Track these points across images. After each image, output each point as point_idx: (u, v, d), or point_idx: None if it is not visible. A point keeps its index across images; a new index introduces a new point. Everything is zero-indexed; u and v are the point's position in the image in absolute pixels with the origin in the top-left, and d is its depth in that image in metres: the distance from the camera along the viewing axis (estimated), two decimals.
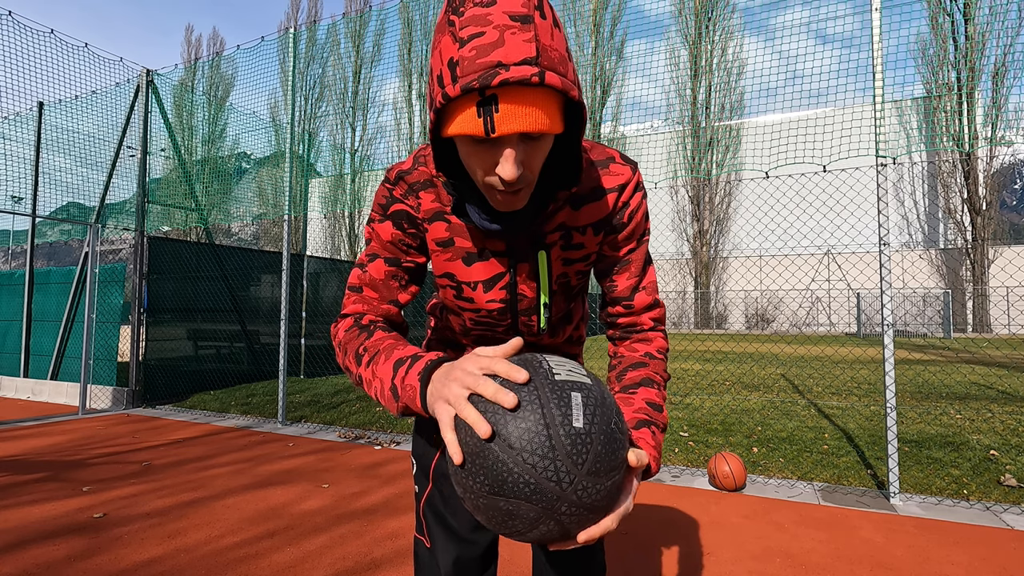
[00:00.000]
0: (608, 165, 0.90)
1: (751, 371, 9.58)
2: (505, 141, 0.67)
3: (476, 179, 0.74)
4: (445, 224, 0.91)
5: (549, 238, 0.90)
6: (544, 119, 0.66)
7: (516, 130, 0.65)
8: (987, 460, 3.87)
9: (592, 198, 0.90)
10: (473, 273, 0.93)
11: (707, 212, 30.24)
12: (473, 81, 0.63)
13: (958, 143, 18.12)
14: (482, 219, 0.83)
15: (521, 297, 0.94)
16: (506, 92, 0.63)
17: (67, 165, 7.01)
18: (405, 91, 33.23)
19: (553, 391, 0.61)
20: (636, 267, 0.96)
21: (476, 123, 0.65)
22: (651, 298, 0.97)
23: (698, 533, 2.71)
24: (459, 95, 0.64)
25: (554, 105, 0.67)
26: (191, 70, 8.10)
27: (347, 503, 3.07)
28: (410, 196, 0.91)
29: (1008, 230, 27.10)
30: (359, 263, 0.96)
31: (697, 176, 33.30)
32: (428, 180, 0.90)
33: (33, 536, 2.57)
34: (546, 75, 0.63)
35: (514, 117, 0.64)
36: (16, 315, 7.44)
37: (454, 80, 0.64)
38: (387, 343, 0.85)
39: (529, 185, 0.74)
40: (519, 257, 0.91)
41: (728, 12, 27.47)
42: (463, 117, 0.66)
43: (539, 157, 0.72)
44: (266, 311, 8.47)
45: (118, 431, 4.92)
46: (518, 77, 0.62)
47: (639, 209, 0.92)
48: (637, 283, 0.96)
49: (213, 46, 39.14)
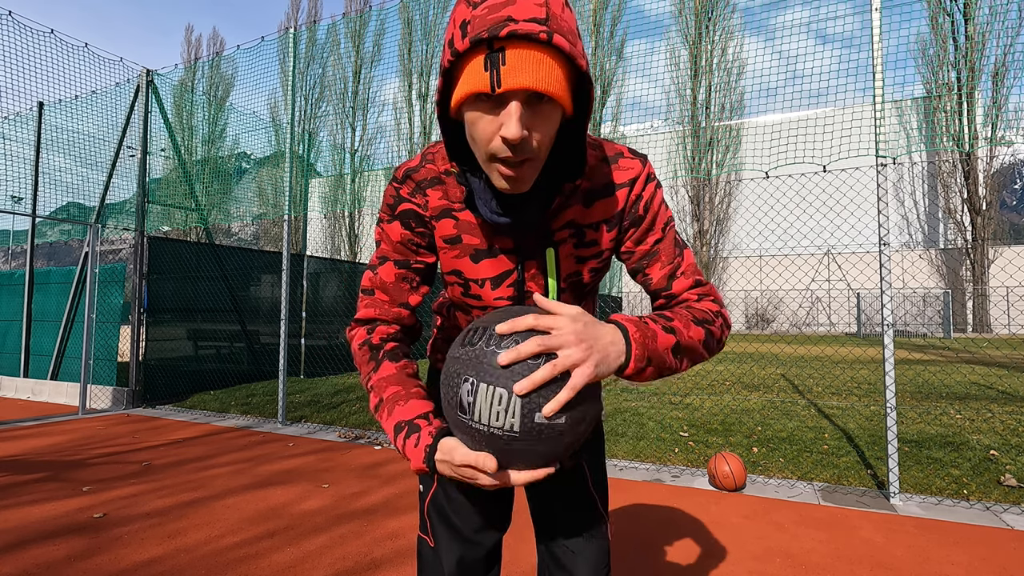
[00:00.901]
0: (618, 160, 0.90)
1: (751, 371, 9.57)
2: (510, 98, 0.67)
3: (481, 155, 0.73)
4: (453, 221, 0.91)
5: (558, 235, 0.90)
6: (551, 80, 0.66)
7: (522, 85, 0.65)
8: (987, 460, 3.86)
9: (604, 194, 0.89)
10: (480, 270, 0.92)
11: (707, 212, 30.23)
12: (482, 32, 0.65)
13: (958, 143, 18.12)
14: (492, 213, 0.83)
15: (529, 294, 0.94)
16: (514, 47, 0.65)
17: (67, 165, 7.02)
18: (405, 91, 33.22)
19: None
20: (667, 255, 0.93)
21: (483, 77, 0.66)
22: (691, 280, 0.93)
23: (698, 533, 2.71)
24: (468, 48, 0.66)
25: (560, 71, 0.68)
26: (191, 70, 8.09)
27: (347, 503, 3.07)
28: (417, 194, 0.91)
29: (1008, 230, 27.10)
30: (371, 265, 0.97)
31: (697, 176, 33.29)
32: (436, 177, 0.90)
33: (33, 536, 2.57)
34: (554, 36, 0.65)
35: (520, 71, 0.65)
36: (16, 315, 7.44)
37: (464, 36, 0.67)
38: (390, 392, 0.87)
39: (534, 160, 0.73)
40: (527, 254, 0.91)
41: (728, 12, 27.47)
42: (470, 72, 0.67)
43: (546, 128, 0.71)
44: (266, 311, 8.47)
45: (118, 431, 4.92)
46: (526, 30, 0.64)
47: (654, 199, 0.91)
48: (673, 271, 0.93)
49: (213, 46, 39.14)
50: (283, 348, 5.27)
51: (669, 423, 5.12)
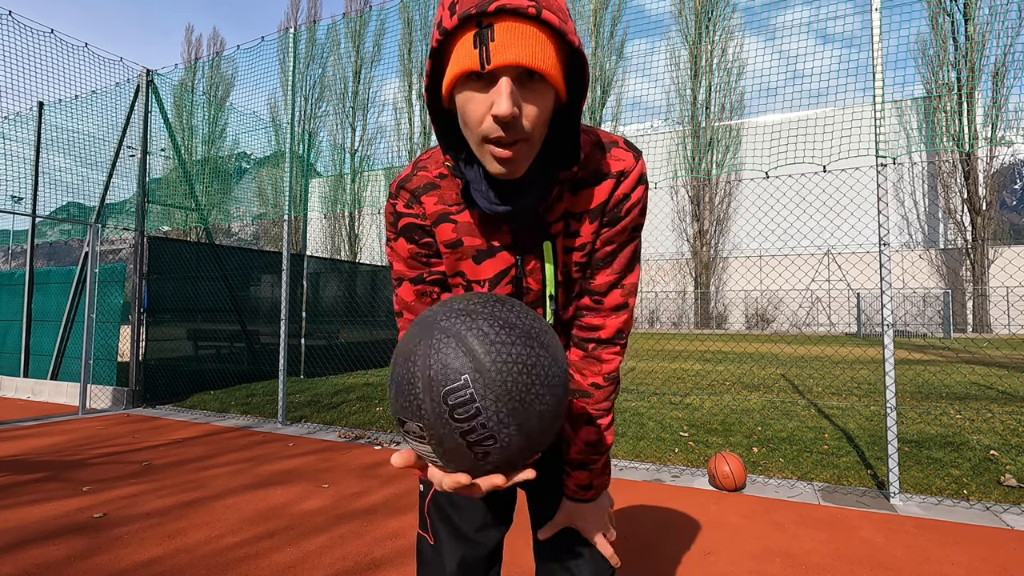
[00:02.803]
0: (610, 149, 0.87)
1: (751, 371, 9.57)
2: (500, 74, 0.66)
3: (474, 139, 0.72)
4: (451, 225, 0.90)
5: (553, 228, 0.89)
6: (542, 56, 0.66)
7: (512, 60, 0.65)
8: (987, 460, 3.86)
9: (591, 182, 0.87)
10: (482, 271, 0.91)
11: (707, 212, 30.24)
12: (471, 8, 0.64)
13: (958, 143, 18.12)
14: (491, 203, 0.81)
15: (527, 290, 0.93)
16: (502, 22, 0.64)
17: (67, 165, 7.02)
18: (405, 91, 33.23)
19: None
20: (620, 263, 0.91)
21: (472, 55, 0.65)
22: (623, 300, 0.92)
23: (698, 533, 2.71)
24: (456, 25, 0.65)
25: (551, 48, 0.67)
26: (191, 70, 8.10)
27: (347, 503, 3.07)
28: (413, 204, 0.91)
29: (1008, 230, 27.09)
30: (394, 287, 0.99)
31: (697, 176, 33.30)
32: (430, 183, 0.90)
33: (33, 536, 2.57)
34: (543, 12, 0.65)
35: (510, 46, 0.64)
36: (16, 315, 7.44)
37: (452, 15, 0.66)
38: None
39: (527, 141, 0.71)
40: (525, 249, 0.89)
41: (728, 12, 27.47)
42: (459, 51, 0.67)
43: (538, 108, 0.69)
44: (266, 311, 8.46)
45: (118, 431, 4.92)
46: (515, 5, 0.63)
47: (638, 204, 0.88)
48: (617, 280, 0.91)
49: (213, 46, 39.16)
50: (283, 348, 5.27)
51: (669, 423, 5.12)
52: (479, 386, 0.61)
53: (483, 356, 0.61)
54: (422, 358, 0.63)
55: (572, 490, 0.98)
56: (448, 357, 0.62)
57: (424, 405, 0.62)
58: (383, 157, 45.85)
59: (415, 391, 0.63)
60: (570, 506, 0.99)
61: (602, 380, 0.94)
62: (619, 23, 29.78)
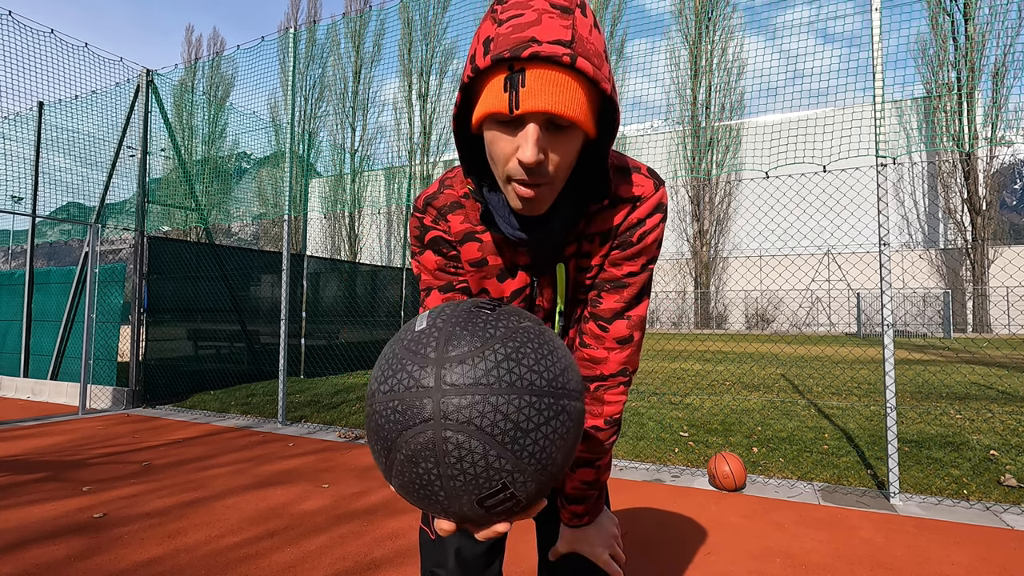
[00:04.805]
0: (630, 175, 0.86)
1: (751, 371, 9.57)
2: (528, 120, 0.65)
3: (498, 173, 0.72)
4: (477, 244, 0.90)
5: (567, 250, 0.88)
6: (571, 104, 0.64)
7: (541, 108, 0.63)
8: (987, 460, 3.86)
9: (608, 206, 0.86)
10: (506, 289, 0.92)
11: (707, 212, 30.24)
12: (504, 51, 0.63)
13: (958, 143, 18.12)
14: (513, 230, 0.80)
15: (538, 309, 0.94)
16: (535, 68, 0.63)
17: (67, 165, 7.02)
18: (405, 91, 33.24)
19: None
20: (629, 293, 0.88)
21: (502, 98, 0.64)
22: (628, 332, 0.89)
23: (698, 533, 2.71)
24: (489, 66, 0.64)
25: (583, 96, 0.66)
26: (191, 70, 8.10)
27: (347, 503, 3.07)
28: (440, 220, 0.91)
29: (1008, 230, 27.10)
30: (420, 299, 0.98)
31: (697, 176, 33.30)
32: (455, 202, 0.90)
33: (33, 536, 2.57)
34: (578, 60, 0.63)
35: (540, 94, 0.63)
36: (16, 315, 7.44)
37: (486, 54, 0.65)
38: None
39: (551, 184, 0.71)
40: (540, 270, 0.90)
41: (728, 12, 27.48)
42: (490, 92, 0.66)
43: (565, 153, 0.69)
44: (266, 311, 8.46)
45: (118, 431, 4.92)
46: (549, 52, 0.62)
47: (653, 232, 0.86)
48: (623, 309, 0.89)
49: (213, 46, 39.16)
50: (283, 348, 5.27)
51: (669, 423, 5.12)
52: (519, 485, 0.54)
53: (518, 454, 0.53)
54: (436, 465, 0.53)
55: (568, 519, 0.98)
56: (478, 468, 0.52)
57: (451, 507, 0.56)
58: (383, 157, 45.84)
59: (437, 497, 0.55)
60: (569, 533, 0.99)
61: (603, 423, 0.92)
62: (619, 23, 29.80)
